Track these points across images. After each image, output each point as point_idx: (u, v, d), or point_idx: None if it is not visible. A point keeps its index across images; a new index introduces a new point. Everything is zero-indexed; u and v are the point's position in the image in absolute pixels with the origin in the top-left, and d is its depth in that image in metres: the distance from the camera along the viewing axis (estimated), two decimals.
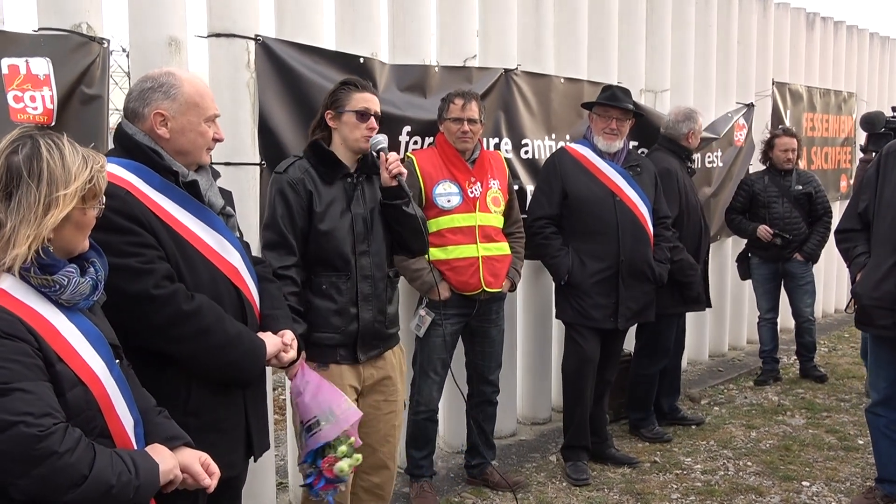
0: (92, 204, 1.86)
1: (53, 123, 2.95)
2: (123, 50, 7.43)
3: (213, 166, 2.58)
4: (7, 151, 1.78)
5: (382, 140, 3.19)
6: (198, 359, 2.34)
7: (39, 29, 3.09)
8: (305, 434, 2.80)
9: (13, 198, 1.74)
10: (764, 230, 6.04)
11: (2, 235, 1.73)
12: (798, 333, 6.51)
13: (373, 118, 3.12)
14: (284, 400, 5.36)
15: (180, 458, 1.96)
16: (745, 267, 6.45)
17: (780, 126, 6.66)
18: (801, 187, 6.08)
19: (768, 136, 6.42)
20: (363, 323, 3.13)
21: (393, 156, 3.15)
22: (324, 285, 3.09)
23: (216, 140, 2.46)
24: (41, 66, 2.94)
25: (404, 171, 3.18)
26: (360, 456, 2.85)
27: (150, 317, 2.24)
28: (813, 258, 6.17)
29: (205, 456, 2.03)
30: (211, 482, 2.01)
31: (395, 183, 3.14)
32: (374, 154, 3.18)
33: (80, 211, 1.82)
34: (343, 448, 2.78)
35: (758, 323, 6.52)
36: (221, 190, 2.57)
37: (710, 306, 5.53)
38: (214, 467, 2.03)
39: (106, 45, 3.20)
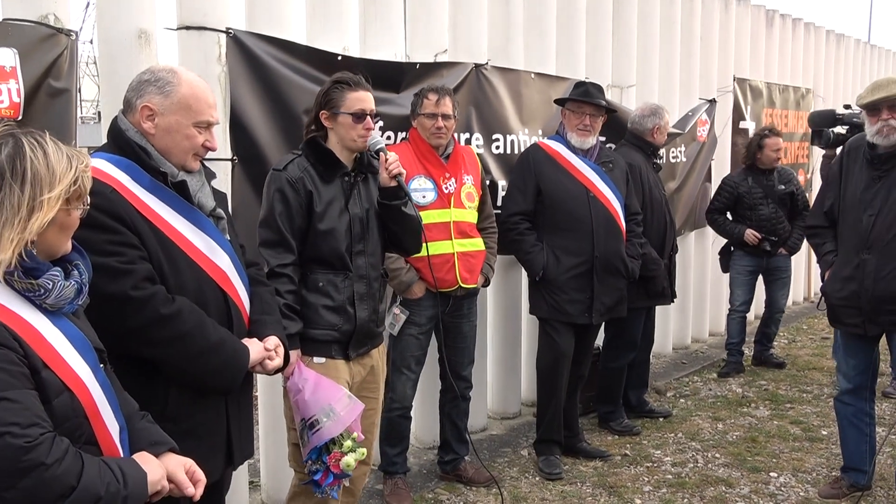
0: (76, 205, 1.79)
1: (21, 117, 2.86)
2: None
3: (206, 166, 2.52)
4: None
5: (381, 140, 3.18)
6: (176, 364, 2.28)
7: (4, 19, 2.98)
8: (308, 432, 2.80)
9: None
10: (751, 235, 6.14)
11: None
12: (766, 323, 6.67)
13: (369, 118, 3.09)
14: (255, 397, 5.29)
15: (165, 466, 1.92)
16: (726, 260, 6.54)
17: (765, 128, 6.52)
18: (783, 186, 6.21)
19: (755, 136, 6.39)
20: (359, 322, 3.12)
21: (392, 156, 3.14)
22: (320, 283, 3.07)
23: (207, 148, 2.38)
24: (8, 57, 2.84)
25: (403, 171, 3.18)
26: (364, 450, 2.89)
27: (126, 319, 2.18)
28: (795, 251, 6.38)
29: (190, 462, 1.98)
30: (195, 491, 1.96)
31: (394, 183, 3.14)
32: (373, 154, 3.17)
33: (65, 212, 1.76)
34: (348, 443, 2.80)
35: (728, 315, 6.62)
36: (215, 191, 2.52)
37: (674, 300, 5.58)
38: (200, 474, 1.99)
39: (73, 38, 3.10)
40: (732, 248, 6.46)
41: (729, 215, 6.35)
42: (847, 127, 5.45)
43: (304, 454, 2.88)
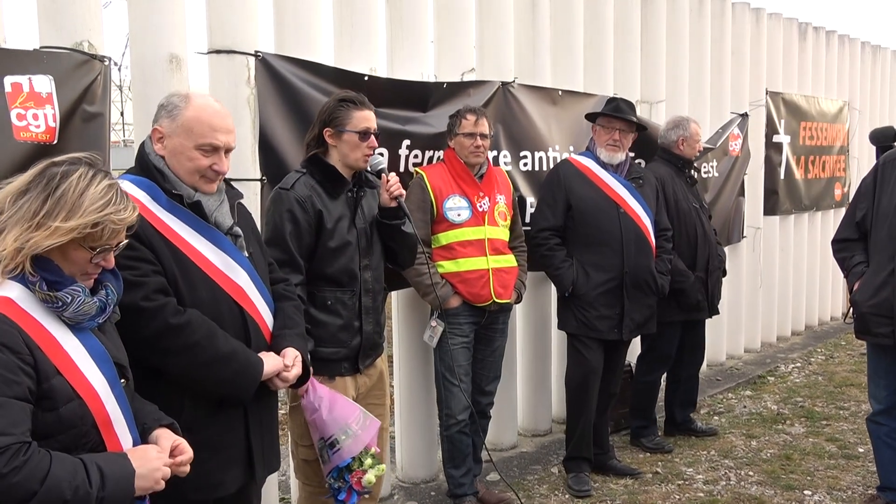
0: (92, 247, 1.83)
1: (56, 141, 2.95)
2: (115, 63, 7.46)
3: (233, 186, 2.61)
4: (56, 160, 1.83)
5: (382, 161, 3.26)
6: (187, 374, 2.35)
7: (41, 47, 3.09)
8: (329, 451, 2.85)
9: (25, 196, 1.78)
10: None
11: None
12: None
13: (373, 137, 3.15)
14: (284, 415, 5.34)
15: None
16: None
17: None
18: None
19: None
20: (365, 335, 3.19)
21: (393, 177, 3.22)
22: (328, 301, 3.10)
23: (216, 171, 2.42)
24: (44, 83, 2.94)
25: (404, 192, 3.27)
26: (384, 466, 2.95)
27: (139, 329, 2.25)
28: None
29: (179, 440, 2.04)
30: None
31: (395, 204, 3.22)
32: (375, 174, 3.25)
33: (74, 245, 1.81)
34: (368, 461, 2.86)
35: None
36: (241, 210, 2.59)
37: (712, 315, 5.41)
38: (186, 446, 2.04)
39: (107, 63, 3.20)
40: None
41: None
42: None
43: (325, 472, 2.92)
